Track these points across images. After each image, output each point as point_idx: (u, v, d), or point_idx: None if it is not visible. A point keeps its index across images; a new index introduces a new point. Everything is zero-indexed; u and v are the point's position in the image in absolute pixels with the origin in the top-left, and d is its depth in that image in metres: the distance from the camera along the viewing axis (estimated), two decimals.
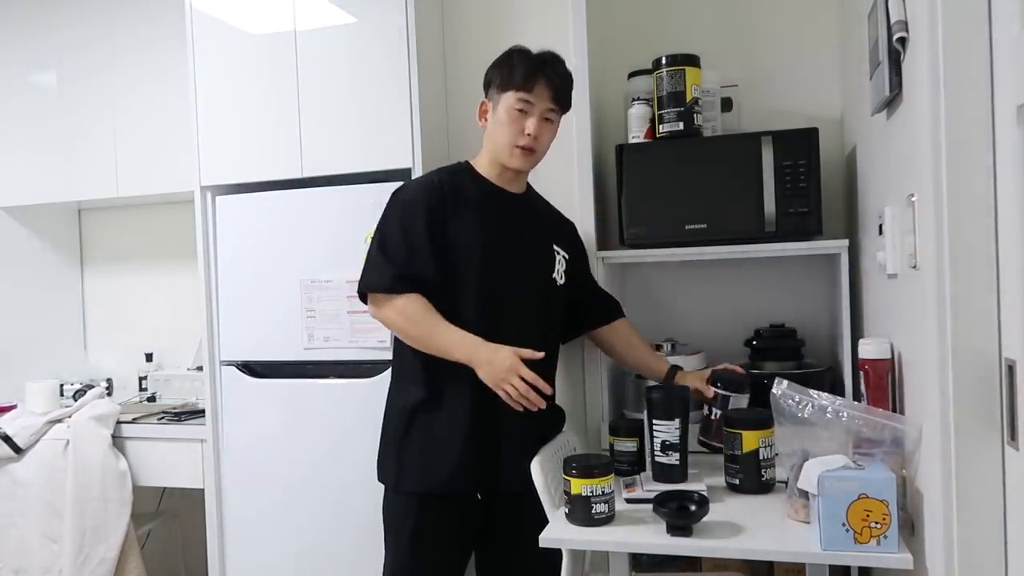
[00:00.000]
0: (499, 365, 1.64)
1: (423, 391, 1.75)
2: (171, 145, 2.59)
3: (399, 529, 1.77)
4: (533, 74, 1.73)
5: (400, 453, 1.77)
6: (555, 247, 1.88)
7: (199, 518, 2.40)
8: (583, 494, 1.49)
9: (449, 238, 1.74)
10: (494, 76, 1.79)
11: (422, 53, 2.16)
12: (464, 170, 1.84)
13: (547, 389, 1.67)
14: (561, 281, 1.88)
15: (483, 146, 1.84)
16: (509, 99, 1.74)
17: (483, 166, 1.83)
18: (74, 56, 2.76)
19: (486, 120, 1.81)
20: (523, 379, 1.64)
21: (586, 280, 2.02)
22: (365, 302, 1.79)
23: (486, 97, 1.82)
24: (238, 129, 2.30)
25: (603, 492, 1.49)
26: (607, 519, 1.50)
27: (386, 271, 1.72)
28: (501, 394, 1.65)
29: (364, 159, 2.18)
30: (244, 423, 2.31)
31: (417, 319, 1.71)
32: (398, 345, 1.81)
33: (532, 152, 1.77)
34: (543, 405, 1.68)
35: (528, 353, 1.66)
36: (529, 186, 1.92)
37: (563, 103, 1.80)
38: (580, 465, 1.50)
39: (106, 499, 2.39)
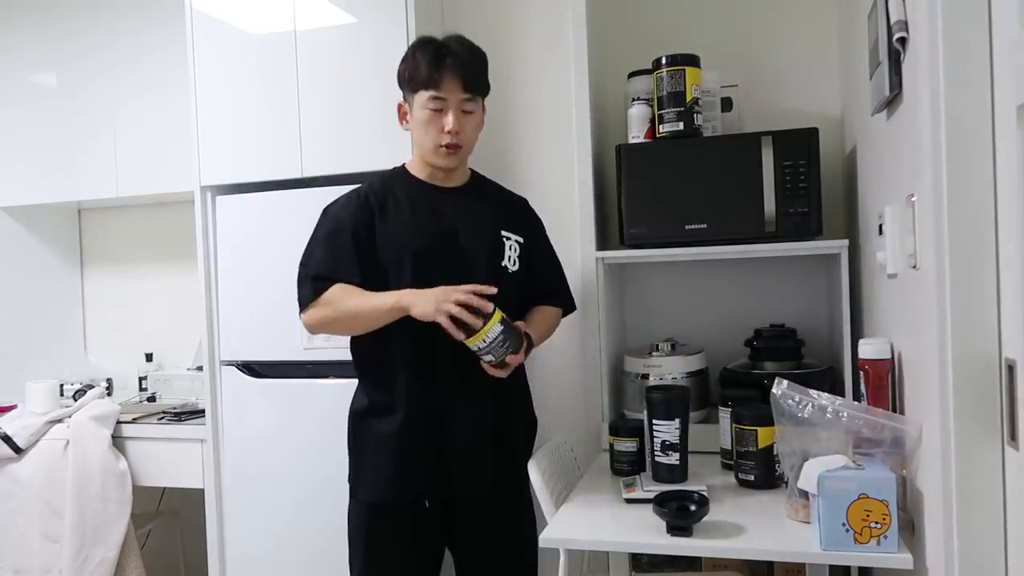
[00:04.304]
0: (431, 295, 1.59)
1: (365, 398, 1.75)
2: (171, 145, 2.59)
3: (356, 538, 1.78)
4: (438, 69, 1.65)
5: (352, 461, 1.79)
6: (504, 233, 1.79)
7: (199, 518, 2.41)
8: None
9: (378, 243, 1.71)
10: (403, 76, 1.72)
11: None
12: (399, 174, 1.81)
13: (487, 307, 1.57)
14: (514, 267, 1.79)
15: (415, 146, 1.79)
16: (421, 99, 1.68)
17: (415, 167, 1.80)
18: (75, 57, 2.76)
19: (407, 122, 1.76)
20: (458, 302, 1.56)
21: (542, 258, 1.90)
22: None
23: (403, 99, 1.76)
24: (238, 129, 2.30)
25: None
26: None
27: (309, 282, 1.71)
28: (443, 321, 1.56)
29: (364, 159, 2.17)
30: (244, 423, 2.31)
31: (341, 298, 1.67)
32: (351, 348, 1.79)
33: (458, 148, 1.71)
34: (479, 325, 1.56)
35: (478, 288, 1.58)
36: (474, 173, 1.86)
37: (478, 89, 1.71)
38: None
39: (106, 499, 2.39)
